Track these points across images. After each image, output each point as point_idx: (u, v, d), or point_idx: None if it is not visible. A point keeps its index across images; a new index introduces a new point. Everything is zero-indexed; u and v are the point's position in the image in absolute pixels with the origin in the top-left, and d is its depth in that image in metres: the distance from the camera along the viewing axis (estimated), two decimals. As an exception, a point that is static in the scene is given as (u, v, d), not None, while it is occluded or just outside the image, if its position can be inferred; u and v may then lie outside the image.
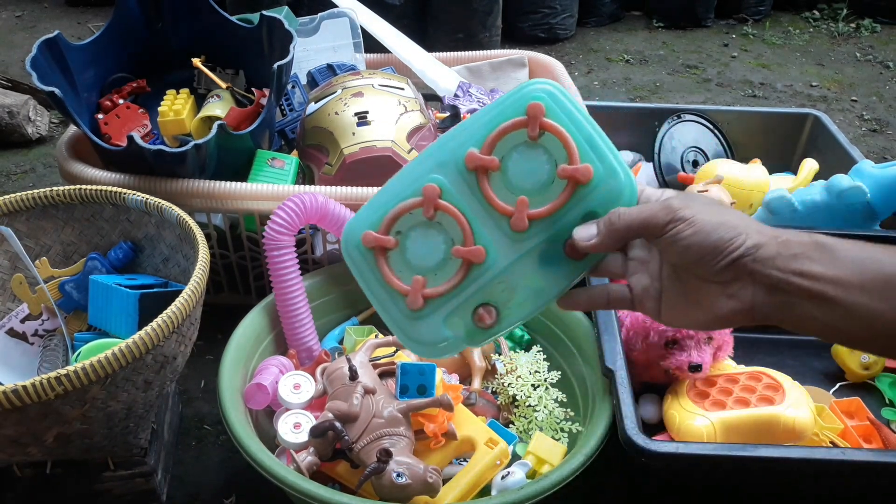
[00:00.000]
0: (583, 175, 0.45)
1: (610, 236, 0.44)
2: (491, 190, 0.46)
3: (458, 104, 1.03)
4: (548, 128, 0.46)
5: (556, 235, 0.46)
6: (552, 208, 0.46)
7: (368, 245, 0.47)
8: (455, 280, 0.47)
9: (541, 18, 2.05)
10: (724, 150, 1.19)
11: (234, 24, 0.97)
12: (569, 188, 0.45)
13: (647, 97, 1.78)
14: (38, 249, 0.78)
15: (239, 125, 0.89)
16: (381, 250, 0.47)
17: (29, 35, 2.06)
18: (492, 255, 0.46)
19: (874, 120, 1.67)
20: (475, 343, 0.48)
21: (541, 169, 0.46)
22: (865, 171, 0.91)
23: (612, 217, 0.44)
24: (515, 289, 0.47)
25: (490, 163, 0.46)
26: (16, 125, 1.41)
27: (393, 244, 0.47)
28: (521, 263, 0.47)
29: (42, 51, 0.84)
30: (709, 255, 0.41)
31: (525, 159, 0.46)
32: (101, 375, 0.54)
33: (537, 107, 0.45)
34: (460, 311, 0.47)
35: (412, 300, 0.46)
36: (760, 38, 2.19)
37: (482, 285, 0.47)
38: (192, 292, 0.61)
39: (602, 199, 0.45)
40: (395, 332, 0.48)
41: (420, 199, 0.47)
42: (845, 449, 0.66)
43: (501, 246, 0.47)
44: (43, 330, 0.78)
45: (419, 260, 0.47)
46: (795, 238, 0.41)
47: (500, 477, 0.66)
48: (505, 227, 0.46)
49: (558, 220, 0.46)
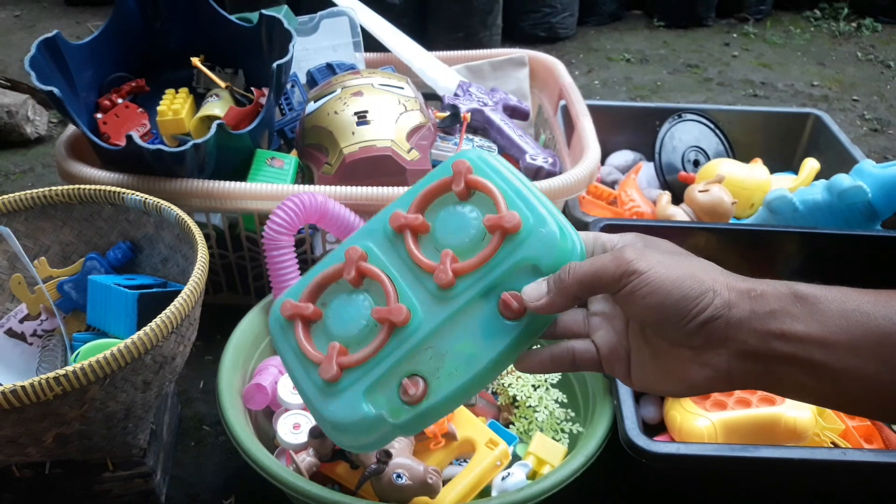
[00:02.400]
0: (508, 222, 0.41)
1: (560, 294, 0.39)
2: (417, 248, 0.43)
3: (458, 103, 1.03)
4: (474, 183, 0.43)
5: (489, 292, 0.42)
6: (480, 260, 0.41)
7: (286, 314, 0.43)
8: (376, 344, 0.42)
9: (541, 17, 2.05)
10: (725, 149, 1.19)
11: (234, 24, 0.97)
12: (497, 238, 0.41)
13: (647, 96, 1.78)
14: (37, 249, 0.78)
15: (238, 124, 0.89)
16: (301, 320, 0.44)
17: (28, 34, 2.06)
18: (417, 316, 0.42)
19: (875, 119, 1.67)
20: (402, 424, 0.41)
21: (470, 226, 0.43)
22: (866, 171, 0.91)
23: (561, 273, 0.39)
24: (445, 355, 0.41)
25: (414, 221, 0.43)
26: (14, 125, 1.41)
27: (312, 313, 0.43)
28: (449, 325, 0.42)
29: (41, 50, 0.84)
30: (673, 317, 0.36)
31: (454, 218, 0.44)
32: (100, 376, 0.54)
33: (462, 163, 0.43)
34: (383, 383, 0.42)
35: (326, 368, 0.41)
36: (761, 37, 2.19)
37: (407, 352, 0.42)
38: (191, 292, 0.61)
39: (537, 249, 0.41)
40: (310, 411, 0.43)
41: (342, 264, 0.44)
42: (846, 449, 0.66)
43: (428, 306, 0.42)
44: (41, 330, 0.77)
45: (342, 329, 0.43)
46: (770, 290, 0.36)
47: (501, 478, 0.66)
48: (431, 286, 0.42)
49: (489, 274, 0.41)
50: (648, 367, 0.40)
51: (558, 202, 0.85)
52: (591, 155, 0.88)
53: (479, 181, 0.43)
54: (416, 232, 0.44)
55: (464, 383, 0.41)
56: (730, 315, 0.35)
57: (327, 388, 0.42)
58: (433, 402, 0.41)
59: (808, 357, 0.34)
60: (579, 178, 0.84)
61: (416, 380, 0.41)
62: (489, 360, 0.41)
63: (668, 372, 0.39)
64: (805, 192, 0.93)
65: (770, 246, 0.86)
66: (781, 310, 0.35)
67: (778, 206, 0.93)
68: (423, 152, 0.89)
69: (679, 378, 0.38)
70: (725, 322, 0.35)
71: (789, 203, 0.92)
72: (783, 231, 0.87)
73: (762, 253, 0.86)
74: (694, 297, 0.35)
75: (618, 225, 0.86)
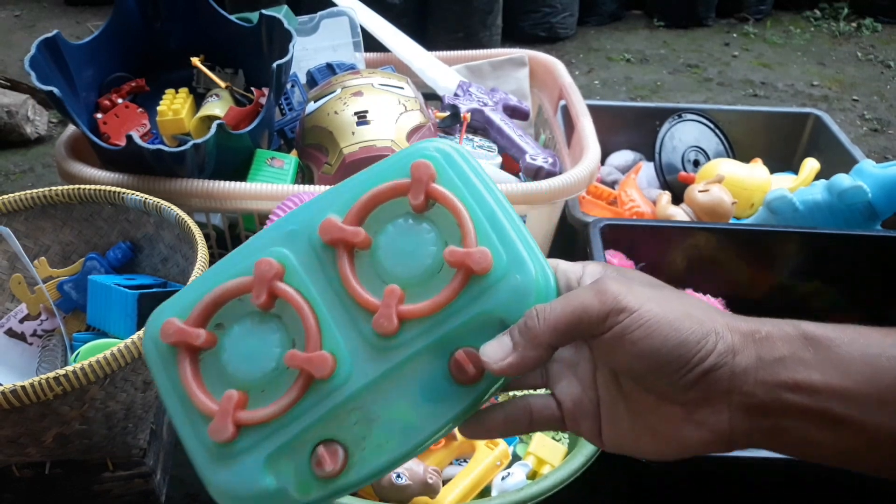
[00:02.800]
0: (477, 262, 0.32)
1: (531, 348, 0.31)
2: (353, 274, 0.33)
3: (458, 103, 1.03)
4: (437, 196, 0.33)
5: (439, 346, 0.33)
6: (434, 305, 0.32)
7: (168, 340, 0.33)
8: (287, 400, 0.32)
9: (541, 17, 2.05)
10: (725, 149, 1.19)
11: (234, 24, 0.97)
12: (458, 279, 0.32)
13: (647, 96, 1.78)
14: (37, 249, 0.78)
15: (238, 124, 0.89)
16: (188, 349, 0.33)
17: (28, 34, 2.06)
18: (344, 367, 0.32)
19: (875, 119, 1.67)
20: (311, 502, 0.32)
21: (424, 251, 0.33)
22: (866, 171, 0.91)
23: (528, 321, 0.31)
24: (374, 421, 0.33)
25: (354, 236, 0.33)
26: (14, 125, 1.41)
27: (205, 341, 0.33)
28: (385, 384, 0.33)
29: (41, 50, 0.84)
30: (669, 365, 0.29)
31: (404, 236, 0.33)
32: (100, 376, 0.54)
33: (424, 166, 0.33)
34: (292, 449, 0.32)
35: (219, 427, 0.31)
36: (761, 37, 2.19)
37: (327, 412, 0.32)
38: (191, 292, 0.61)
39: (508, 299, 0.32)
40: (197, 471, 0.33)
41: (250, 280, 0.33)
42: (847, 450, 0.66)
43: (360, 356, 0.33)
44: (42, 330, 0.77)
45: (242, 367, 0.33)
46: (776, 332, 0.30)
47: (501, 478, 0.66)
48: (366, 330, 0.33)
49: (443, 324, 0.32)
50: (625, 424, 0.33)
51: (558, 202, 0.85)
52: (591, 155, 0.88)
53: (444, 196, 0.33)
54: (353, 249, 0.34)
55: (394, 458, 0.33)
56: (734, 363, 0.29)
57: (219, 451, 0.32)
58: (353, 479, 0.32)
59: (825, 410, 0.29)
60: (579, 178, 0.84)
61: (335, 448, 0.32)
62: (430, 432, 0.33)
63: (651, 431, 0.32)
64: (805, 192, 0.93)
65: (770, 246, 0.86)
66: (792, 355, 0.30)
67: (778, 206, 0.93)
68: (423, 152, 0.89)
69: (667, 439, 0.32)
70: (730, 371, 0.29)
71: (789, 203, 0.92)
72: (783, 231, 0.87)
73: (762, 253, 0.86)
74: (695, 342, 0.29)
75: (618, 225, 0.86)
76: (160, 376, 0.34)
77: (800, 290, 0.88)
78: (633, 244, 0.86)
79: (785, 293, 0.88)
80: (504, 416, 0.35)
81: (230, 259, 0.35)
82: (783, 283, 0.88)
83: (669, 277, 0.85)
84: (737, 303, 0.79)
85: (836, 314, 0.89)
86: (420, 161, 0.33)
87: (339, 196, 0.34)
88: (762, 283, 0.87)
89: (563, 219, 0.93)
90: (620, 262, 0.84)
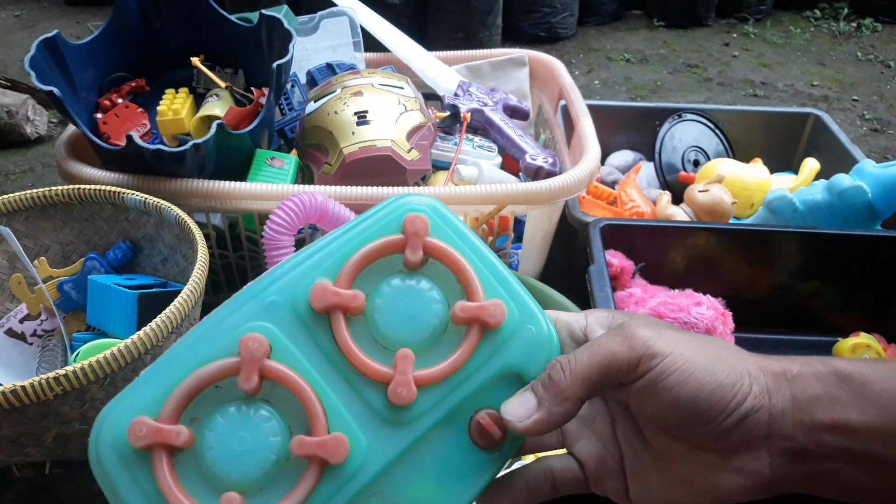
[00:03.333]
0: (492, 315, 0.30)
1: (558, 403, 0.29)
2: (354, 343, 0.30)
3: (458, 103, 1.03)
4: (436, 250, 0.31)
5: (456, 412, 0.30)
6: (451, 367, 0.30)
7: (140, 443, 0.27)
8: (300, 495, 0.28)
9: (541, 17, 2.05)
10: (725, 149, 1.19)
11: (233, 24, 0.97)
12: (473, 335, 0.30)
13: (647, 96, 1.78)
14: (37, 249, 0.78)
15: (238, 124, 0.89)
16: (166, 451, 0.28)
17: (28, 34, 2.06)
18: (358, 448, 0.29)
19: (875, 119, 1.67)
20: None
21: (428, 310, 0.31)
22: (866, 171, 0.91)
23: (552, 374, 0.29)
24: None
25: (352, 300, 0.30)
26: (14, 125, 1.41)
27: (185, 440, 0.28)
28: (407, 462, 0.30)
29: (41, 50, 0.84)
30: (706, 412, 0.28)
31: (404, 297, 0.31)
32: (101, 375, 0.54)
33: (420, 220, 0.31)
34: None
35: None
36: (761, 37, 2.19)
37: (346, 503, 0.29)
38: (191, 292, 0.61)
39: (523, 352, 0.31)
40: None
41: (235, 361, 0.29)
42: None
43: (373, 433, 0.29)
44: (41, 330, 0.77)
45: (234, 466, 0.28)
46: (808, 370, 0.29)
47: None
48: (375, 401, 0.30)
49: (459, 388, 0.30)
50: (654, 479, 0.31)
51: (558, 202, 0.85)
52: (591, 155, 0.88)
53: (444, 250, 0.31)
54: (349, 314, 0.30)
55: None
56: (771, 405, 0.28)
57: None
58: None
59: (866, 452, 0.27)
60: (579, 178, 0.84)
61: None
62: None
63: (684, 482, 0.30)
64: (805, 192, 0.93)
65: (770, 246, 0.86)
66: (826, 394, 0.28)
67: (778, 206, 0.93)
68: (423, 152, 0.89)
69: (703, 489, 0.30)
70: (767, 414, 0.28)
71: (789, 203, 0.92)
72: (783, 231, 0.87)
73: (762, 253, 0.86)
74: (731, 385, 0.28)
75: (618, 225, 0.86)
76: (127, 490, 0.27)
77: (800, 290, 0.88)
78: (633, 244, 0.86)
79: (785, 293, 0.88)
80: (526, 487, 0.33)
81: (197, 340, 0.30)
82: (783, 283, 0.88)
83: (669, 277, 0.85)
84: (737, 303, 0.79)
85: (836, 314, 0.89)
86: (414, 215, 0.31)
87: (325, 258, 0.31)
88: (762, 283, 0.87)
89: (563, 219, 0.93)
90: (620, 262, 0.84)
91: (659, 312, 0.77)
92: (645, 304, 0.79)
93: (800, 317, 0.89)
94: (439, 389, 0.30)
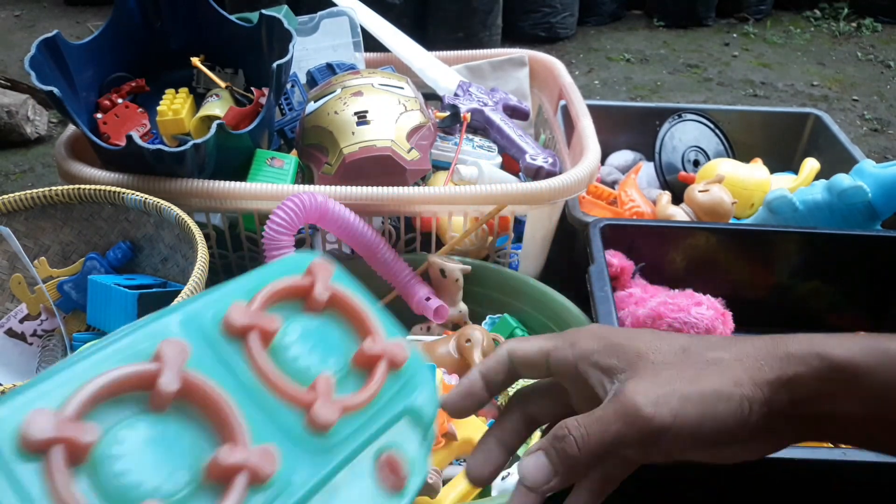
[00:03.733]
0: (399, 354, 0.32)
1: (572, 473, 0.31)
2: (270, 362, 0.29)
3: (458, 103, 1.03)
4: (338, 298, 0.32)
5: (366, 447, 0.30)
6: (367, 397, 0.30)
7: (33, 447, 0.23)
8: None
9: (541, 17, 2.05)
10: (725, 149, 1.19)
11: (233, 24, 0.97)
12: (382, 372, 0.31)
13: (647, 96, 1.78)
14: (37, 249, 0.78)
15: (238, 124, 0.89)
16: (69, 454, 0.23)
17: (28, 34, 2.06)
18: (285, 466, 0.27)
19: (875, 119, 1.67)
20: None
21: (335, 348, 0.32)
22: (866, 171, 0.91)
23: (567, 447, 0.31)
24: None
25: (270, 322, 0.29)
26: (14, 125, 1.41)
27: (92, 441, 0.24)
28: (329, 488, 0.28)
29: (41, 50, 0.84)
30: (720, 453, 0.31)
31: (314, 332, 0.31)
32: (100, 376, 0.54)
33: (325, 267, 0.32)
34: None
35: None
36: (761, 37, 2.19)
37: None
38: (191, 292, 0.61)
39: (421, 395, 0.32)
40: None
41: (150, 368, 0.26)
42: (847, 449, 0.66)
43: (293, 457, 0.28)
44: (41, 330, 0.77)
45: (144, 482, 0.25)
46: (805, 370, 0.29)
47: (501, 478, 0.66)
48: (292, 423, 0.28)
49: (374, 420, 0.30)
50: None
51: (558, 202, 0.85)
52: (591, 155, 0.88)
53: (347, 297, 0.32)
54: (264, 339, 0.30)
55: None
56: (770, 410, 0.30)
57: None
58: None
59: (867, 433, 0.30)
60: (579, 178, 0.84)
61: None
62: None
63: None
64: (805, 192, 0.93)
65: (770, 246, 0.86)
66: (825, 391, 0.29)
67: (778, 206, 0.93)
68: (423, 152, 0.89)
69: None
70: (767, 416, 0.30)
71: (789, 203, 0.92)
72: (783, 231, 0.87)
73: (762, 253, 0.86)
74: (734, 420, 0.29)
75: (618, 225, 0.86)
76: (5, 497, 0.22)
77: (800, 290, 0.88)
78: (633, 244, 0.86)
79: (785, 293, 0.88)
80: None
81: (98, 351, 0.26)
82: (783, 282, 0.88)
83: (669, 277, 0.85)
84: (737, 303, 0.79)
85: (836, 314, 0.89)
86: (318, 261, 0.32)
87: (237, 288, 0.31)
88: (762, 283, 0.87)
89: (563, 219, 0.93)
90: (620, 262, 0.84)
91: (659, 312, 0.77)
92: (645, 304, 0.79)
93: (800, 317, 0.89)
94: (355, 419, 0.30)
